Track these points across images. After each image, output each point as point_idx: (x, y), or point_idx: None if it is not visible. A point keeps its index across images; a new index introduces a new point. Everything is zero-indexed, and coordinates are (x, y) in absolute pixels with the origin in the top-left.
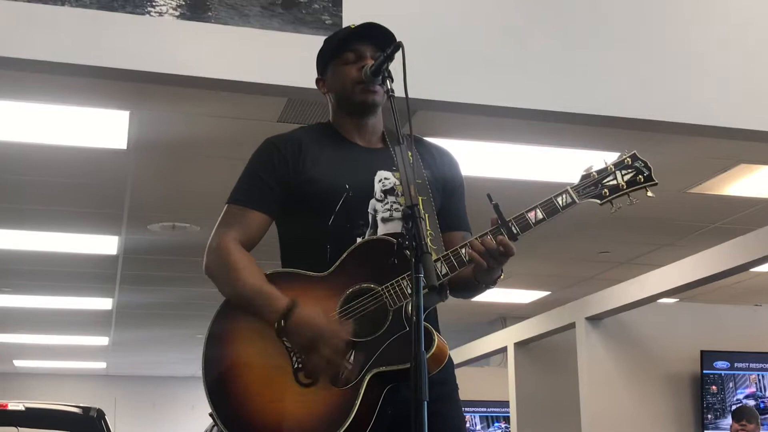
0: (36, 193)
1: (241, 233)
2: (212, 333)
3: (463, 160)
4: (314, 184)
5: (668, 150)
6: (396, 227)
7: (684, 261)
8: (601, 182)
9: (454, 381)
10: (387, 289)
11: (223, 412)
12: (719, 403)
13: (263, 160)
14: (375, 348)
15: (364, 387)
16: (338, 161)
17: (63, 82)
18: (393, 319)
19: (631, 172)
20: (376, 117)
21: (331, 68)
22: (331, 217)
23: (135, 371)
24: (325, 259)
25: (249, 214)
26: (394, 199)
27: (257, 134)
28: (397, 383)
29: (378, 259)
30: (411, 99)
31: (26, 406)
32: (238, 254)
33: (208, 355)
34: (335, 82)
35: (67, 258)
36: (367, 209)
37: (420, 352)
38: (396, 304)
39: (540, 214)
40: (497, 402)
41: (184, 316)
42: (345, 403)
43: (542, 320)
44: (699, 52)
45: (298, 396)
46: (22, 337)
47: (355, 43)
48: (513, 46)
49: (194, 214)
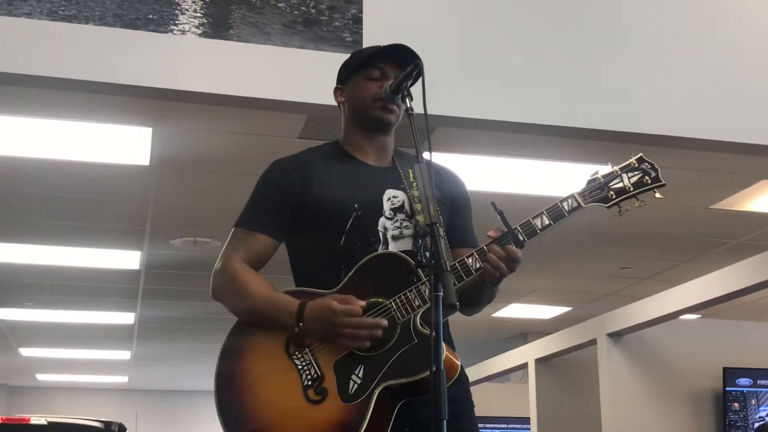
0: (59, 209)
1: (246, 255)
2: (226, 349)
3: (480, 176)
4: (323, 205)
5: (690, 166)
6: (407, 245)
7: (706, 277)
8: (607, 185)
9: (470, 399)
10: (395, 302)
11: (233, 430)
12: (741, 420)
13: (271, 183)
14: (384, 362)
15: (374, 401)
16: (346, 180)
17: (87, 99)
18: (401, 332)
19: (638, 174)
20: (388, 137)
21: (353, 80)
22: (342, 236)
23: (156, 385)
24: (339, 277)
25: (255, 238)
26: (404, 216)
27: (278, 151)
28: (410, 399)
29: (385, 274)
30: (430, 116)
31: (48, 421)
32: (245, 272)
33: (221, 371)
34: (355, 94)
35: (89, 273)
36: (377, 227)
37: (440, 370)
38: (404, 317)
39: (546, 219)
40: (518, 418)
41: (205, 331)
42: (355, 419)
43: (563, 336)
44: (720, 68)
45: (308, 413)
46: (44, 351)
47: (383, 62)
48: (533, 63)
49: (216, 229)
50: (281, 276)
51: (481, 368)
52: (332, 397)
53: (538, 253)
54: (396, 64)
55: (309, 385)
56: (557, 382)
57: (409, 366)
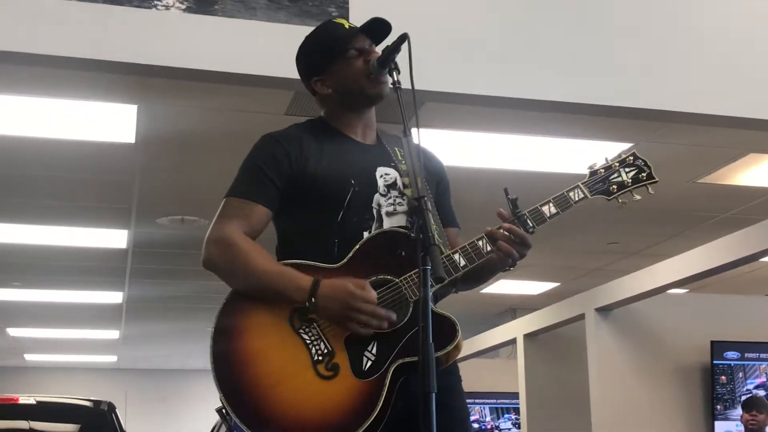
0: (45, 188)
1: (248, 227)
2: (221, 327)
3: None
4: (320, 180)
5: (677, 140)
6: (400, 221)
7: (694, 251)
8: (608, 179)
9: (458, 373)
10: (405, 280)
11: (241, 409)
12: (729, 393)
13: (264, 154)
14: (398, 339)
15: (389, 379)
16: (340, 157)
17: (70, 76)
18: (414, 311)
19: (634, 170)
20: (372, 111)
21: (334, 67)
22: (339, 212)
23: (145, 364)
24: (332, 253)
25: (251, 207)
26: (397, 193)
27: (265, 127)
28: (408, 375)
29: (391, 251)
30: (418, 91)
31: (37, 400)
32: (244, 241)
33: (219, 350)
34: (343, 78)
35: (76, 252)
36: (372, 204)
37: (428, 344)
38: (416, 296)
39: (554, 208)
40: (507, 393)
41: (194, 309)
42: (370, 395)
43: (552, 311)
44: (708, 42)
45: (320, 388)
46: (32, 331)
47: (352, 39)
48: (521, 37)
49: (203, 208)
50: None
51: (470, 344)
52: (345, 373)
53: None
54: (367, 36)
55: (319, 360)
56: (546, 357)
57: None
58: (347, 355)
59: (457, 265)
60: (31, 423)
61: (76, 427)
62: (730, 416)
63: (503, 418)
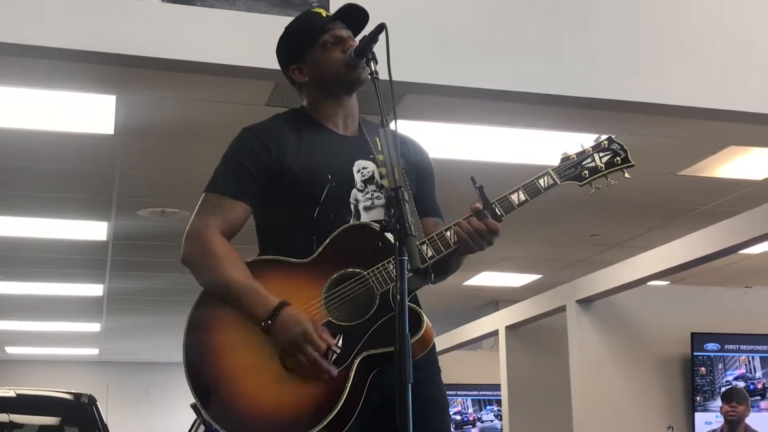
0: (23, 179)
1: (221, 222)
2: (194, 321)
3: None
4: (297, 174)
5: (657, 132)
6: (378, 215)
7: (674, 243)
8: (580, 164)
9: (437, 363)
10: (373, 272)
11: (208, 402)
12: (708, 384)
13: (244, 148)
14: (363, 332)
15: (353, 371)
16: (318, 150)
17: (48, 66)
18: (380, 303)
19: (609, 154)
20: (354, 98)
21: (310, 55)
22: (315, 207)
23: (127, 357)
24: (311, 248)
25: (230, 204)
26: (374, 187)
27: (246, 118)
28: (384, 366)
29: (361, 245)
30: (398, 82)
31: (18, 393)
32: (220, 244)
33: (190, 343)
34: (320, 67)
35: (56, 244)
36: (349, 199)
37: (404, 335)
38: (383, 288)
39: (523, 195)
40: (489, 385)
41: (175, 302)
42: (335, 388)
43: (533, 303)
44: (687, 34)
45: (287, 382)
46: (13, 324)
47: (329, 26)
48: (502, 29)
49: (184, 200)
50: (246, 246)
51: (453, 336)
52: None
53: (509, 221)
54: (341, 24)
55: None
56: (528, 348)
57: (388, 336)
58: None
59: (424, 256)
60: (11, 416)
61: (57, 419)
62: (709, 407)
63: (485, 410)
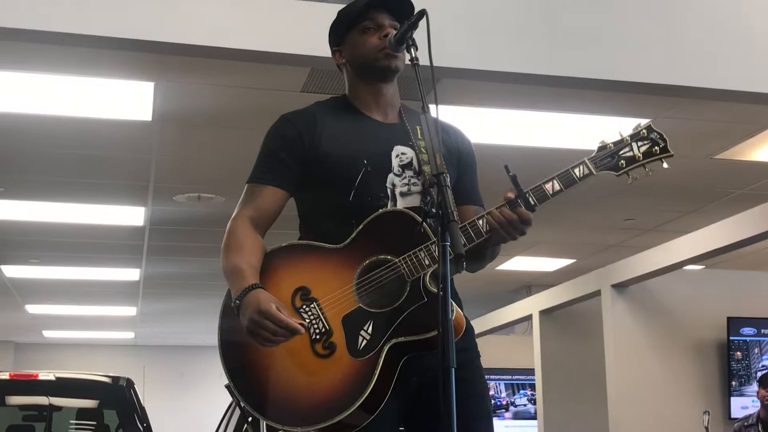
0: (62, 166)
1: (255, 210)
2: (226, 305)
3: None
4: (332, 160)
5: (694, 116)
6: (414, 201)
7: (710, 227)
8: (617, 153)
9: (476, 348)
10: (404, 260)
11: (241, 384)
12: (744, 369)
13: (278, 138)
14: (393, 319)
15: (383, 358)
16: (355, 136)
17: (87, 54)
18: (411, 291)
19: (647, 144)
20: (394, 87)
21: (349, 38)
22: (351, 191)
23: (163, 341)
24: (350, 232)
25: (265, 191)
26: (412, 173)
27: (281, 105)
28: (416, 353)
29: (394, 231)
30: (435, 67)
31: (57, 376)
32: (240, 234)
33: (225, 325)
34: (356, 51)
35: (94, 229)
36: (386, 183)
37: (447, 319)
38: (413, 276)
39: (557, 185)
40: (523, 370)
41: (210, 286)
42: (363, 375)
43: (567, 288)
44: (725, 17)
45: (316, 367)
46: (50, 308)
47: (372, 12)
48: (539, 13)
49: (219, 185)
50: (287, 231)
51: (486, 320)
52: (340, 352)
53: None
54: (386, 12)
55: (317, 339)
56: (561, 333)
57: (418, 324)
58: (344, 334)
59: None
60: (51, 399)
61: (96, 402)
62: (745, 392)
63: (519, 394)
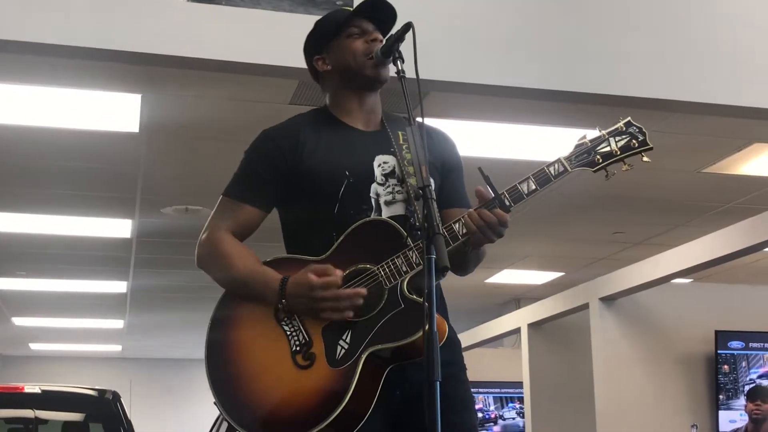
0: (49, 178)
1: (233, 226)
2: (216, 318)
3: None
4: (314, 173)
5: (681, 129)
6: (399, 209)
7: (698, 241)
8: (594, 150)
9: (462, 361)
10: (382, 268)
11: (224, 398)
12: (732, 383)
13: (258, 152)
14: (371, 327)
15: (360, 366)
16: (336, 147)
17: (74, 65)
18: (388, 298)
19: (625, 138)
20: (377, 96)
21: (334, 44)
22: (335, 204)
23: (150, 354)
24: (331, 245)
25: (241, 208)
26: (395, 181)
27: (269, 117)
28: (399, 363)
29: (374, 240)
30: (422, 80)
31: (42, 389)
32: (230, 243)
33: (211, 339)
34: (342, 55)
35: (81, 241)
36: (369, 194)
37: (432, 332)
38: (391, 283)
39: (532, 184)
40: (511, 383)
41: (198, 299)
42: (341, 384)
43: (556, 301)
44: (711, 30)
45: (296, 378)
46: (37, 320)
47: (356, 20)
48: (527, 27)
49: (207, 197)
50: (271, 244)
51: (475, 333)
52: (320, 362)
53: (531, 218)
54: (370, 20)
55: (297, 350)
56: (550, 346)
57: (396, 331)
58: (323, 345)
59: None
60: (37, 412)
61: (81, 415)
62: (733, 406)
63: (507, 407)
